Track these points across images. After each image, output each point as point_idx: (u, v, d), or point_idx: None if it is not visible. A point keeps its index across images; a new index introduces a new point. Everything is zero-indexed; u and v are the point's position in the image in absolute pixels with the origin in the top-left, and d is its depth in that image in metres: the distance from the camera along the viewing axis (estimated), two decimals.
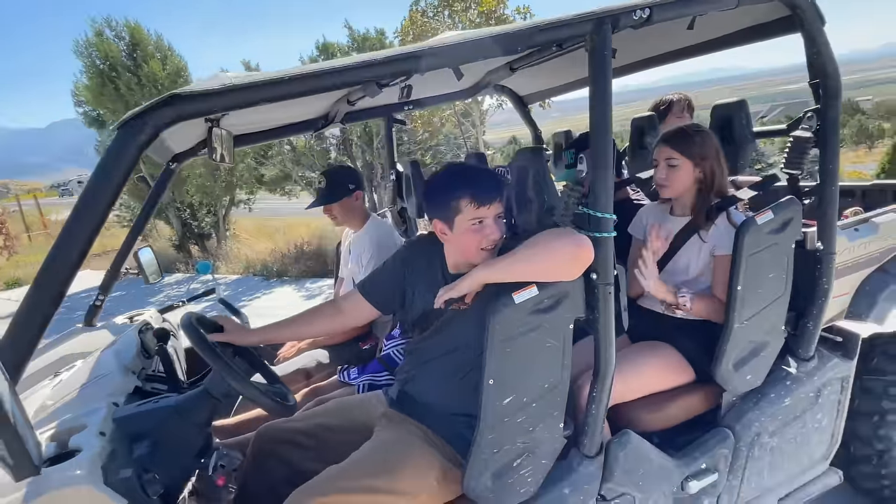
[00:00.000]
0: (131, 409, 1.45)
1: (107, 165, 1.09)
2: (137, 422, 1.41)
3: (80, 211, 1.09)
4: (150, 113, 1.09)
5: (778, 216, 1.82)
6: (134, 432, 1.40)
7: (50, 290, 1.07)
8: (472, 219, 1.54)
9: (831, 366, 2.02)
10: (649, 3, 1.47)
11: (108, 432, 1.34)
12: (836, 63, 1.84)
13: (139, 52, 10.05)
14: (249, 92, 1.14)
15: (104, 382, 1.59)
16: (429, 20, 7.88)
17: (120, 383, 1.61)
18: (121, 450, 1.32)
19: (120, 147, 1.09)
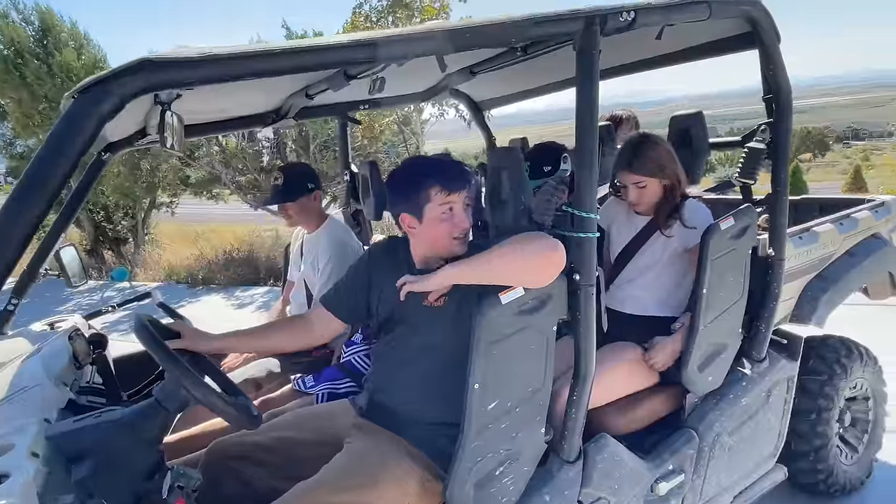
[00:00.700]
0: (68, 426, 1.26)
1: (60, 137, 0.94)
2: (77, 439, 1.23)
3: (25, 189, 0.92)
4: (116, 79, 0.95)
5: (738, 223, 1.89)
6: (73, 452, 1.21)
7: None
8: (442, 204, 1.52)
9: (779, 367, 2.12)
10: (635, 6, 1.48)
11: (42, 453, 1.15)
12: (789, 80, 1.95)
13: (50, 39, 9.20)
14: (232, 63, 1.02)
15: (31, 396, 1.38)
16: (372, 25, 7.78)
17: (50, 396, 1.40)
18: (58, 473, 1.14)
19: (77, 116, 0.94)
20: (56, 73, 9.10)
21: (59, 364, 1.55)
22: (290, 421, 1.70)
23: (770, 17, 1.83)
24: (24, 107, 9.24)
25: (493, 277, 1.42)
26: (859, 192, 11.63)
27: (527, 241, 1.42)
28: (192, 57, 0.98)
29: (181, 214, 13.53)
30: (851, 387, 2.43)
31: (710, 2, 1.65)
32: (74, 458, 1.20)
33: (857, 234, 2.43)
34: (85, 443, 1.23)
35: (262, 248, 9.35)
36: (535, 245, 1.40)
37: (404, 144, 9.22)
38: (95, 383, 1.70)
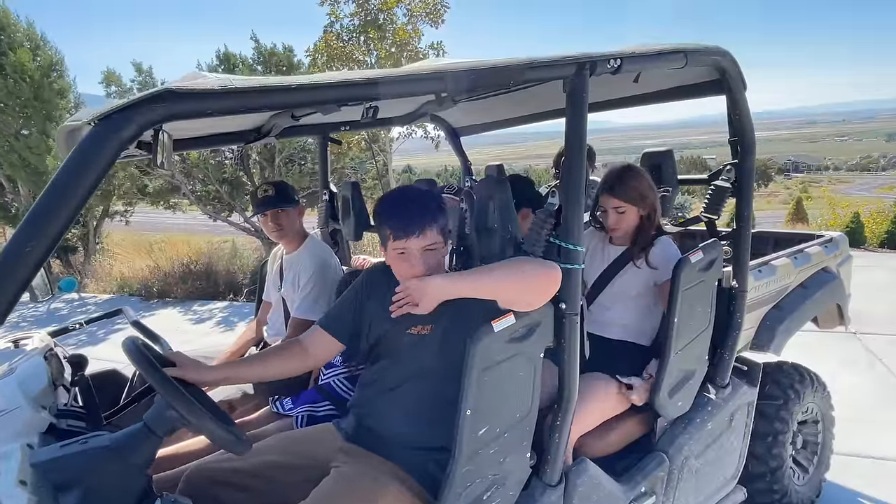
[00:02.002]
0: (54, 452, 1.22)
1: (79, 162, 0.94)
2: (64, 467, 1.19)
3: (42, 211, 0.92)
4: (137, 108, 0.96)
5: (706, 256, 2.01)
6: (60, 480, 1.17)
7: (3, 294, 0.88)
8: (395, 248, 1.55)
9: (741, 392, 2.25)
10: (621, 54, 1.59)
11: (29, 481, 1.12)
12: (753, 123, 2.10)
13: (4, 38, 8.84)
14: (253, 97, 1.04)
15: (11, 420, 1.33)
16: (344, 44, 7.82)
17: (30, 420, 1.36)
18: (47, 503, 1.11)
19: (97, 143, 0.94)
20: (9, 74, 8.73)
21: (38, 386, 1.50)
22: (272, 445, 1.68)
23: (737, 67, 1.98)
24: None
25: (490, 293, 1.43)
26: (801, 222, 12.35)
27: (526, 262, 1.46)
28: (214, 89, 1.00)
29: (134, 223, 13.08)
30: (804, 411, 2.59)
31: (686, 52, 1.78)
32: (62, 487, 1.17)
33: (810, 267, 2.61)
34: (72, 470, 1.19)
35: (220, 261, 9.12)
36: (536, 266, 1.45)
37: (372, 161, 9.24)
38: (73, 406, 1.64)
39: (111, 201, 10.75)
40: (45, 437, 1.36)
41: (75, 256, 10.96)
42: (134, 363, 1.30)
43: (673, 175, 2.38)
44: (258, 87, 1.05)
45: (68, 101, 9.88)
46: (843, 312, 2.77)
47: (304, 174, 9.75)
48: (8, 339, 2.13)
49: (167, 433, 1.32)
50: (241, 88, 1.03)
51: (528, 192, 2.52)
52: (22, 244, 0.92)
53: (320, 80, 1.11)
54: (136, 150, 2.13)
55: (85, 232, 10.93)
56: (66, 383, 1.69)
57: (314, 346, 1.69)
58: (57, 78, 9.55)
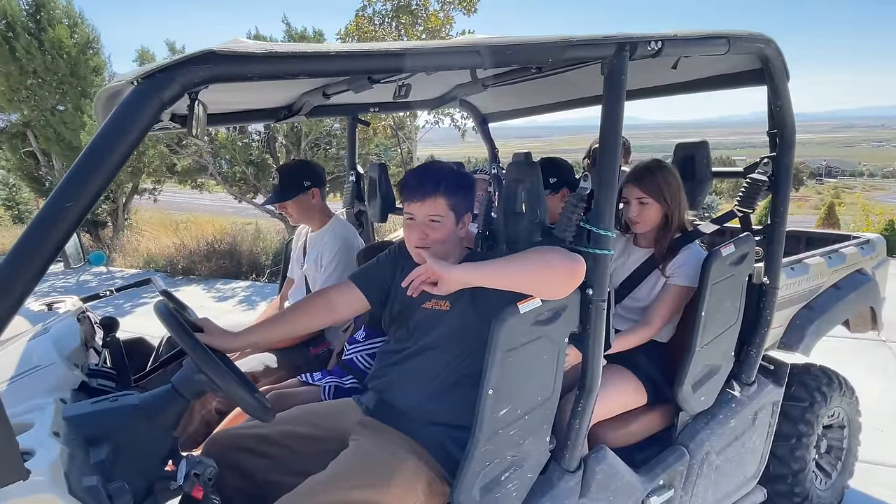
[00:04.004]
0: (86, 407, 1.26)
1: (120, 120, 0.95)
2: (95, 422, 1.22)
3: (83, 168, 0.93)
4: (180, 68, 0.96)
5: (738, 250, 1.96)
6: (91, 434, 1.21)
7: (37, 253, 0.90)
8: (405, 215, 1.61)
9: (766, 391, 2.20)
10: (662, 36, 1.55)
11: (62, 433, 1.15)
12: (794, 116, 2.04)
13: (43, 15, 9.02)
14: (291, 62, 1.04)
15: (45, 375, 1.37)
16: (375, 28, 7.81)
17: (64, 377, 1.40)
18: (78, 454, 1.14)
19: (140, 100, 0.95)
20: (47, 49, 8.93)
21: (71, 345, 1.54)
22: (294, 416, 1.71)
23: (781, 56, 1.92)
24: (12, 81, 9.03)
25: (512, 282, 1.41)
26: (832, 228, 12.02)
27: (551, 252, 1.44)
28: (255, 52, 1.00)
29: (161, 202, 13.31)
30: (829, 415, 2.53)
31: (729, 37, 1.73)
32: (92, 440, 1.20)
33: (844, 268, 2.54)
34: (103, 426, 1.23)
35: (244, 242, 9.24)
36: (560, 256, 1.42)
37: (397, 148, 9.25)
38: (104, 367, 1.68)
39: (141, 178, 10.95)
40: (77, 393, 1.39)
41: (104, 231, 11.21)
42: (166, 326, 1.32)
43: (707, 167, 2.32)
44: (298, 53, 1.05)
45: (102, 79, 10.05)
46: (876, 316, 2.70)
47: (329, 159, 9.79)
48: (42, 303, 2.19)
49: (194, 396, 1.35)
50: (281, 53, 1.03)
51: (570, 175, 2.51)
52: (63, 199, 0.93)
53: (358, 49, 1.10)
54: (171, 122, 2.17)
55: (114, 207, 11.16)
56: (97, 345, 1.74)
57: (341, 301, 1.71)
58: (93, 55, 9.72)
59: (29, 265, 0.90)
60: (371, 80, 1.77)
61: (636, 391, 1.99)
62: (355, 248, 2.51)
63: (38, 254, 0.90)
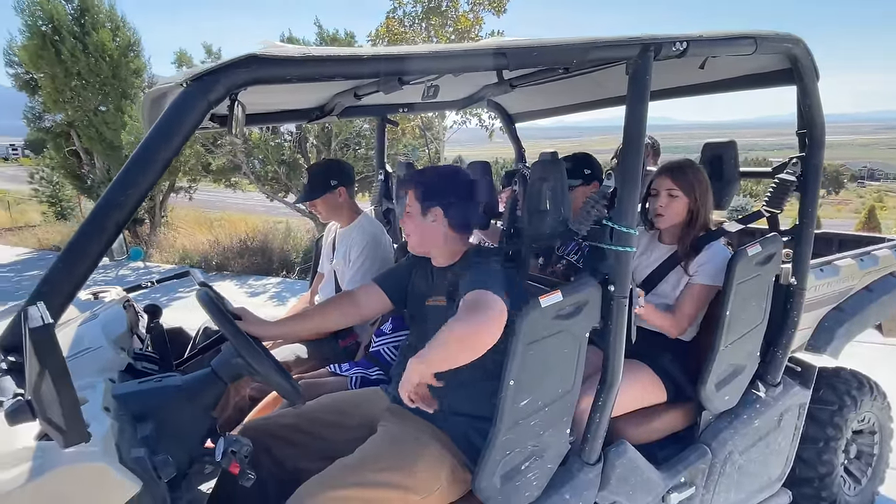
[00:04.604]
0: (133, 387, 1.35)
1: (171, 120, 1.03)
2: (142, 400, 1.32)
3: (137, 162, 1.02)
4: (225, 71, 1.04)
5: (764, 250, 1.96)
6: (138, 411, 1.30)
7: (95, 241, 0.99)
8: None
9: (793, 393, 2.19)
10: (687, 37, 1.57)
11: (112, 409, 1.24)
12: (824, 116, 2.03)
13: (88, 19, 9.41)
14: (328, 65, 1.11)
15: (95, 357, 1.47)
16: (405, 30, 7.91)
17: (112, 359, 1.50)
18: (126, 429, 1.23)
19: (188, 102, 1.03)
20: (91, 52, 9.30)
21: (118, 330, 1.65)
22: (325, 404, 1.78)
23: (811, 56, 1.91)
24: (57, 82, 9.44)
25: (445, 363, 1.37)
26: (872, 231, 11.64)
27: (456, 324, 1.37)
28: (294, 56, 1.07)
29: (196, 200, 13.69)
30: (859, 420, 2.49)
31: (756, 37, 1.73)
32: (139, 417, 1.29)
33: (877, 270, 2.49)
34: (149, 404, 1.32)
35: (275, 239, 9.46)
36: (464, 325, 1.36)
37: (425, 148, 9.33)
38: (148, 351, 1.79)
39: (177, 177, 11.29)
40: (123, 374, 1.49)
41: (142, 228, 11.60)
42: (208, 312, 1.41)
43: (734, 167, 2.31)
44: (333, 56, 1.11)
45: (142, 81, 10.42)
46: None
47: (359, 159, 9.93)
48: (89, 292, 2.32)
49: (231, 379, 1.43)
50: (318, 57, 1.09)
51: (601, 172, 2.55)
52: (121, 190, 1.02)
53: (389, 52, 1.16)
54: (210, 122, 2.27)
55: (152, 205, 11.53)
56: (141, 332, 1.84)
57: (366, 300, 1.81)
58: (133, 58, 10.09)
59: (87, 253, 0.98)
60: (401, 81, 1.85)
61: (654, 387, 2.00)
62: (382, 244, 2.59)
63: (96, 242, 0.99)
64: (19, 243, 11.97)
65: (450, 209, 1.67)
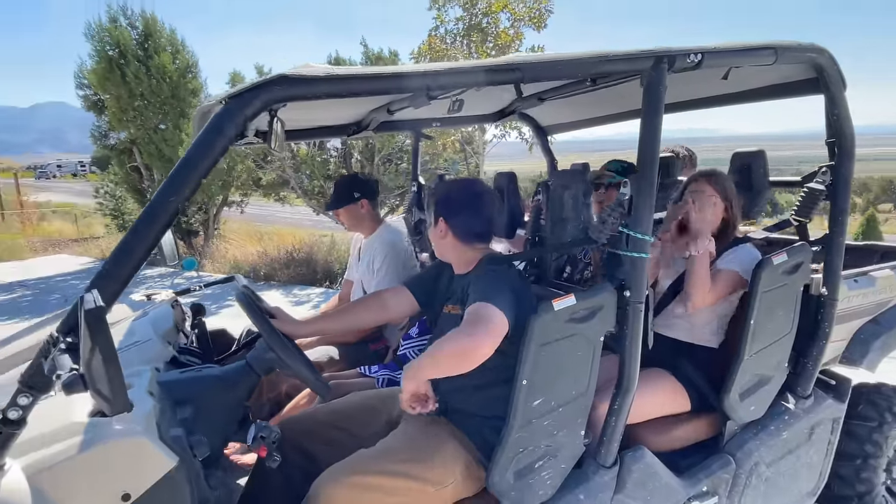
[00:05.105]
0: (175, 375, 1.49)
1: (212, 132, 1.16)
2: (182, 387, 1.45)
3: (180, 171, 1.15)
4: (261, 89, 1.16)
5: (791, 259, 1.95)
6: (179, 396, 1.43)
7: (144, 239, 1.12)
8: None
9: (825, 406, 2.14)
10: (702, 49, 1.60)
11: (156, 393, 1.37)
12: (853, 125, 2.01)
13: (151, 43, 10.07)
14: (350, 82, 1.22)
15: (143, 348, 1.62)
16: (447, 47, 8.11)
17: (159, 351, 1.64)
18: (167, 411, 1.35)
19: (228, 117, 1.16)
20: (153, 74, 9.92)
21: (165, 325, 1.80)
22: (354, 402, 1.88)
23: (836, 65, 1.90)
24: (122, 103, 10.10)
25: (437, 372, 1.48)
26: None
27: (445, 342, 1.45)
28: (319, 75, 1.19)
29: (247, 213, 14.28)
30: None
31: (777, 48, 1.75)
32: (179, 402, 1.42)
33: None
34: (189, 391, 1.45)
35: (320, 252, 9.76)
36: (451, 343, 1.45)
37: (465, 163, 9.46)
38: (192, 346, 1.94)
39: (230, 191, 11.83)
40: (168, 365, 1.64)
41: (196, 239, 12.19)
42: (244, 309, 1.53)
43: (764, 176, 2.30)
44: (354, 75, 1.22)
45: (199, 100, 11.02)
46: None
47: (401, 173, 10.17)
48: (142, 294, 2.52)
49: (265, 372, 1.55)
50: (340, 75, 1.20)
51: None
52: (165, 196, 1.15)
53: (402, 70, 1.26)
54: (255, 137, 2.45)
55: (206, 218, 12.11)
56: (187, 329, 2.00)
57: (395, 302, 1.88)
58: (191, 79, 10.70)
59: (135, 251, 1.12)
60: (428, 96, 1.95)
61: (677, 396, 2.00)
62: (403, 251, 2.69)
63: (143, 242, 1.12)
64: (84, 253, 12.79)
65: (453, 221, 1.72)
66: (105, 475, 1.13)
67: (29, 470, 1.09)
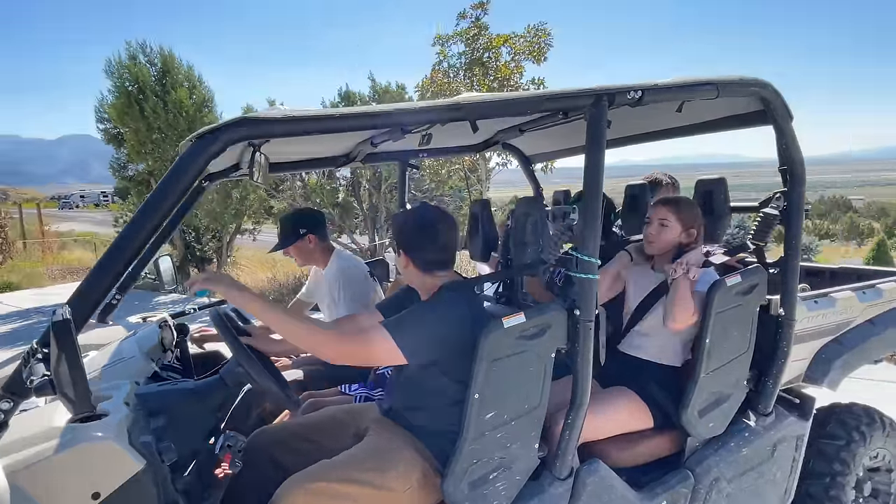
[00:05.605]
0: (153, 388, 1.62)
1: (180, 168, 1.31)
2: (157, 399, 1.58)
3: (151, 204, 1.30)
4: (224, 129, 1.31)
5: (745, 280, 2.04)
6: (153, 408, 1.56)
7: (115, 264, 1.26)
8: None
9: (787, 423, 2.20)
10: (643, 86, 1.74)
11: (131, 404, 1.50)
12: (802, 153, 2.11)
13: (168, 79, 10.55)
14: (304, 123, 1.37)
15: (127, 364, 1.76)
16: (450, 80, 8.38)
17: (141, 367, 1.78)
18: (141, 420, 1.48)
19: (195, 154, 1.31)
20: (170, 109, 10.35)
21: (150, 344, 1.94)
22: (326, 415, 2.00)
23: (780, 98, 2.02)
24: (140, 136, 10.53)
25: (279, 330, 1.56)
26: None
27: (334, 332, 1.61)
28: (276, 117, 1.34)
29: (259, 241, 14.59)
30: (872, 456, 2.43)
31: (718, 83, 1.87)
32: (154, 413, 1.55)
33: (882, 304, 2.47)
34: (163, 402, 1.58)
35: None
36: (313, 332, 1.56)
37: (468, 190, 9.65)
38: (175, 364, 2.08)
39: (243, 220, 12.16)
40: (149, 380, 1.77)
41: (210, 266, 12.49)
42: (216, 327, 1.67)
43: (725, 202, 2.41)
44: (307, 116, 1.37)
45: None
46: None
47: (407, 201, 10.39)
48: (139, 316, 2.68)
49: (236, 385, 1.68)
50: (296, 117, 1.36)
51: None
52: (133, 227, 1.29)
53: (356, 111, 1.41)
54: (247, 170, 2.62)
55: (219, 245, 12.44)
56: (173, 347, 2.14)
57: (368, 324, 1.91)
58: (207, 113, 11.13)
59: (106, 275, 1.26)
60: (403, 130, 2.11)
61: (640, 413, 2.08)
62: (353, 272, 2.78)
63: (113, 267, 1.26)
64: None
65: (412, 253, 1.78)
66: (78, 475, 1.26)
67: (9, 469, 1.21)
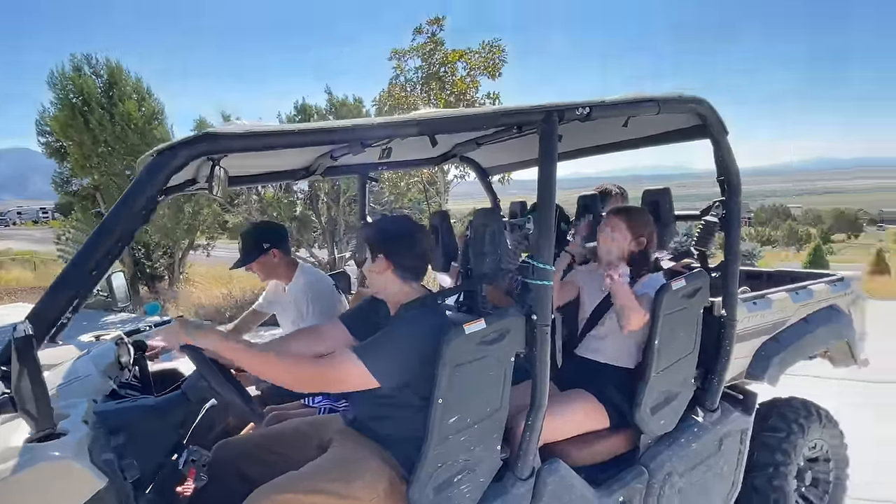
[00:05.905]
0: (111, 406, 1.59)
1: (141, 182, 1.32)
2: (117, 416, 1.55)
3: (111, 218, 1.30)
4: (185, 145, 1.33)
5: (689, 284, 2.17)
6: (113, 425, 1.53)
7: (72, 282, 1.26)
8: None
9: (732, 418, 2.34)
10: (590, 103, 1.84)
11: (91, 422, 1.48)
12: (737, 164, 2.27)
13: (116, 91, 10.25)
14: (265, 138, 1.40)
15: (83, 383, 1.71)
16: (406, 94, 8.47)
17: (98, 385, 1.74)
18: (101, 438, 1.45)
19: (155, 169, 1.32)
20: (117, 121, 10.04)
21: (106, 361, 1.90)
22: (289, 426, 2.00)
23: (716, 113, 2.17)
24: (85, 149, 10.17)
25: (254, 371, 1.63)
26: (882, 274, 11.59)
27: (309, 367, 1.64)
28: (237, 132, 1.36)
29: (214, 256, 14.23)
30: (811, 446, 2.60)
31: (659, 100, 2.00)
32: (114, 430, 1.53)
33: (813, 303, 2.66)
34: (123, 419, 1.55)
35: None
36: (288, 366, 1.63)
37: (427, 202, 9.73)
38: (133, 381, 2.03)
39: (196, 235, 11.85)
40: (107, 398, 1.73)
41: (161, 283, 12.09)
42: None
43: (670, 211, 2.56)
44: (268, 132, 1.41)
45: None
46: (853, 350, 2.77)
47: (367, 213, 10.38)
48: (92, 335, 2.60)
49: (199, 400, 1.67)
50: (257, 132, 1.39)
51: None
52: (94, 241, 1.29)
53: (314, 126, 1.45)
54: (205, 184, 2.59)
55: (171, 262, 12.07)
56: (129, 364, 2.10)
57: (331, 333, 1.95)
58: (157, 125, 10.86)
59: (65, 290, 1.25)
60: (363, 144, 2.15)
61: (596, 414, 2.17)
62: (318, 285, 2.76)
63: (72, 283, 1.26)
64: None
65: (392, 257, 1.78)
66: (37, 495, 1.23)
67: None
